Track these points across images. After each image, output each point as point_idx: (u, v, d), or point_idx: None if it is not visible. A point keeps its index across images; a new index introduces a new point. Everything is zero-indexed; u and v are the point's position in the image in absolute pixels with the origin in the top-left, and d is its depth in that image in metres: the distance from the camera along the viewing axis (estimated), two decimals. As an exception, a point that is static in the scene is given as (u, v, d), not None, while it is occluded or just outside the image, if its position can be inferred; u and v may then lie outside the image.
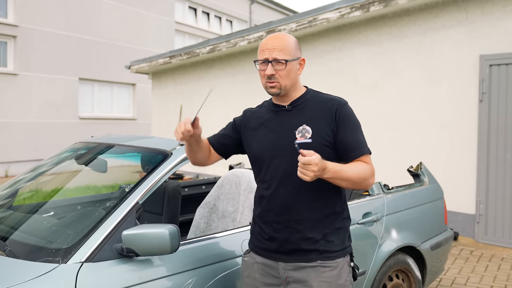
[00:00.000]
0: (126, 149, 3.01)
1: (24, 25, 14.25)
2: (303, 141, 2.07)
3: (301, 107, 2.17)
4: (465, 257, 5.60)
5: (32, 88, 14.47)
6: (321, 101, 2.18)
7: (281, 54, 2.07)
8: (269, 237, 2.14)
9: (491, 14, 6.09)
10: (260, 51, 2.12)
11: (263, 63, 2.10)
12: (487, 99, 6.10)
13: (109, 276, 2.06)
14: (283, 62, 2.07)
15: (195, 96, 11.06)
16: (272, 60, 2.07)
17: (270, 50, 2.07)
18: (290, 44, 2.11)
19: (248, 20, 24.73)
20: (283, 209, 2.11)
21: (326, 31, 7.88)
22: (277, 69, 2.07)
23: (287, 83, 2.11)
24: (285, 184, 2.10)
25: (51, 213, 3.05)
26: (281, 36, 2.12)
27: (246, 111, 2.38)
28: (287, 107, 2.18)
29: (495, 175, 6.06)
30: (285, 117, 2.17)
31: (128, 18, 17.49)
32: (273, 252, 2.14)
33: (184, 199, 4.21)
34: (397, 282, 3.48)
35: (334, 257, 2.12)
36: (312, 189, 2.09)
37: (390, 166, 6.90)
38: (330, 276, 2.08)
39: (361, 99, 7.30)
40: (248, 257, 2.26)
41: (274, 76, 2.08)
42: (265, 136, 2.18)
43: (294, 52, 2.11)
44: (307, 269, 2.09)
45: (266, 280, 2.16)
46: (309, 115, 2.14)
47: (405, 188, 3.80)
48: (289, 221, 2.10)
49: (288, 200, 2.10)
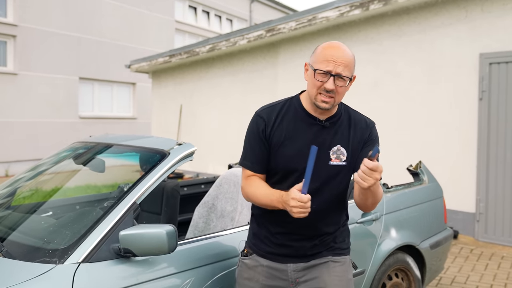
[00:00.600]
0: (125, 148, 3.00)
1: (24, 25, 14.24)
2: (337, 163, 2.06)
3: (337, 125, 2.10)
4: (465, 255, 5.60)
5: (32, 87, 14.47)
6: (354, 120, 2.14)
7: (346, 70, 1.95)
8: (282, 244, 2.13)
9: (490, 12, 6.07)
10: (323, 60, 1.95)
11: (323, 74, 1.95)
12: (487, 97, 6.09)
13: (106, 276, 2.06)
14: (346, 80, 1.96)
15: (195, 95, 11.06)
16: (335, 74, 1.93)
17: (336, 63, 1.93)
18: (353, 60, 2.00)
19: (248, 19, 24.70)
20: (307, 224, 2.07)
21: (326, 29, 7.87)
22: (338, 85, 1.95)
23: (339, 100, 2.02)
24: (312, 202, 1.90)
25: (50, 213, 3.04)
26: (346, 49, 1.99)
27: (266, 114, 2.11)
28: (325, 124, 2.07)
29: (495, 173, 6.05)
30: (321, 133, 2.07)
31: (128, 17, 17.48)
32: (283, 256, 2.13)
33: (183, 198, 4.20)
34: (396, 281, 3.47)
35: (342, 254, 2.18)
36: (334, 207, 2.14)
37: (389, 165, 6.88)
38: (340, 271, 2.13)
39: (361, 98, 7.28)
40: (249, 260, 2.20)
41: (333, 91, 1.95)
42: (298, 149, 2.04)
43: (353, 70, 2.02)
44: (319, 266, 2.12)
45: (271, 282, 2.14)
46: (344, 135, 2.09)
47: (404, 187, 3.79)
48: (311, 234, 2.12)
49: (310, 216, 1.95)
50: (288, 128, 2.06)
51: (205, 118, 10.74)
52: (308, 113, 2.08)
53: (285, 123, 2.07)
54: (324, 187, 2.05)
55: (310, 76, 2.01)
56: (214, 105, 10.49)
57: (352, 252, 2.98)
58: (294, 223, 2.04)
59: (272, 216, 2.11)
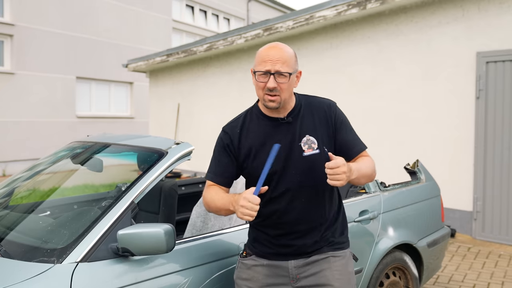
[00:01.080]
0: (122, 148, 3.00)
1: (20, 24, 14.21)
2: (311, 153, 2.08)
3: (300, 117, 2.14)
4: (463, 254, 5.61)
5: (29, 87, 14.44)
6: (315, 107, 2.17)
7: (284, 66, 1.98)
8: (281, 244, 2.15)
9: (487, 11, 6.09)
10: (260, 61, 2.01)
11: (263, 74, 2.00)
12: (484, 96, 6.10)
13: (104, 276, 2.06)
14: (286, 75, 1.99)
15: (192, 94, 11.05)
16: (274, 72, 1.98)
17: (273, 62, 1.98)
18: (291, 56, 2.04)
19: (245, 18, 24.70)
20: (299, 220, 2.12)
21: (323, 28, 7.88)
22: (279, 82, 1.99)
23: (287, 97, 2.05)
24: (299, 196, 2.10)
25: (48, 212, 3.04)
26: (282, 47, 2.03)
27: (231, 129, 2.18)
28: (288, 119, 2.11)
29: (492, 171, 6.07)
30: (287, 130, 2.11)
31: (126, 17, 17.45)
32: (283, 255, 2.15)
33: (181, 197, 4.20)
34: (394, 280, 3.48)
35: (342, 248, 2.20)
36: (323, 197, 2.15)
37: (386, 164, 6.90)
38: (340, 265, 2.16)
39: (358, 97, 7.30)
40: (248, 260, 2.21)
41: (276, 89, 1.99)
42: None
43: (294, 65, 2.06)
44: (319, 262, 2.14)
45: (271, 280, 2.15)
46: (309, 124, 2.12)
47: (401, 185, 3.80)
48: (307, 230, 2.13)
49: (303, 211, 2.11)
50: (255, 136, 2.13)
51: (203, 117, 10.74)
52: (269, 116, 2.13)
53: (250, 133, 2.14)
54: (306, 180, 2.08)
55: (254, 80, 2.07)
56: (212, 104, 10.49)
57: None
58: (289, 223, 2.10)
59: (266, 221, 2.15)
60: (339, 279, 2.12)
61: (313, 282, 2.12)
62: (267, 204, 2.10)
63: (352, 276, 2.20)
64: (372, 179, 2.16)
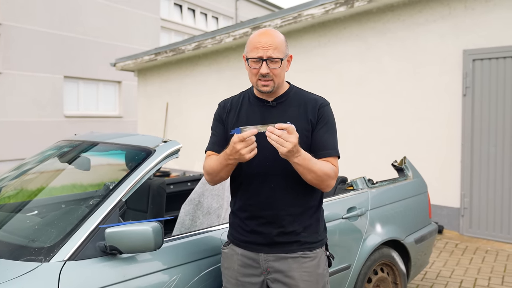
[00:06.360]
0: (110, 146, 2.99)
1: (7, 23, 14.08)
2: None
3: (285, 104, 2.17)
4: (450, 250, 5.66)
5: (16, 86, 14.31)
6: (305, 100, 2.19)
7: (276, 52, 2.03)
8: (251, 230, 2.17)
9: (474, 9, 6.14)
10: (252, 48, 2.06)
11: (255, 61, 2.06)
12: (470, 93, 6.16)
13: (92, 274, 2.05)
14: (278, 61, 2.05)
15: (181, 93, 11.03)
16: (266, 58, 2.03)
17: (265, 48, 2.02)
18: (282, 41, 2.09)
19: (234, 17, 24.69)
20: (267, 205, 2.14)
21: (311, 27, 7.90)
22: (272, 67, 2.04)
23: (280, 81, 2.11)
24: (270, 181, 2.12)
25: (35, 212, 3.02)
26: (273, 33, 2.07)
27: (224, 103, 2.31)
28: (272, 103, 2.17)
29: (479, 168, 6.12)
30: (270, 113, 2.16)
31: (113, 15, 17.36)
32: (254, 244, 2.17)
33: (170, 196, 4.20)
34: (382, 276, 3.50)
35: (313, 248, 2.19)
36: (293, 188, 2.14)
37: (374, 161, 6.94)
38: (310, 266, 2.15)
39: (346, 94, 7.33)
40: (227, 249, 2.27)
41: (269, 75, 2.05)
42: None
43: (285, 49, 2.11)
44: (288, 260, 2.14)
45: (246, 271, 2.19)
46: (293, 112, 2.15)
47: (389, 182, 3.83)
48: (272, 216, 2.13)
49: (272, 196, 2.13)
50: (241, 113, 2.22)
51: (191, 115, 10.72)
52: (257, 97, 2.21)
53: (238, 110, 2.23)
54: (277, 165, 2.09)
55: (247, 66, 2.12)
56: (200, 102, 10.47)
57: (337, 247, 3.03)
58: (256, 206, 2.14)
59: (238, 200, 2.21)
60: (307, 281, 2.12)
61: (281, 279, 2.13)
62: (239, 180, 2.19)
63: (321, 277, 2.17)
64: (321, 184, 2.05)
